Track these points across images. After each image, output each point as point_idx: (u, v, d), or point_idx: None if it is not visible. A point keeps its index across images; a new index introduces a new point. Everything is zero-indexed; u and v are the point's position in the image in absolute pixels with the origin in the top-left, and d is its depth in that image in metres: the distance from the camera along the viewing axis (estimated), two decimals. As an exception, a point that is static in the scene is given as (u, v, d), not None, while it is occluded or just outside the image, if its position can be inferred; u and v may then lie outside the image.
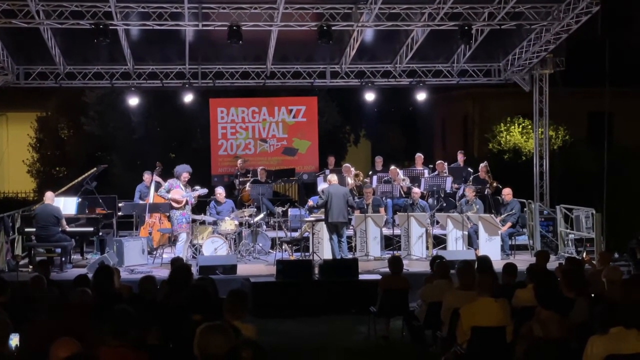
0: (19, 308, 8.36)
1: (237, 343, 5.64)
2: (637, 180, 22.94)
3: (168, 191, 16.18)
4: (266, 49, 18.58)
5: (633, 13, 24.96)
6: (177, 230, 16.18)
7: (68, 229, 16.10)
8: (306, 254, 16.58)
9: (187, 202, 16.20)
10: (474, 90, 30.38)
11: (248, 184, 19.43)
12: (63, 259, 15.73)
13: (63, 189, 18.00)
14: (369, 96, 20.07)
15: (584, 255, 13.84)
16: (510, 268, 10.42)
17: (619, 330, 6.84)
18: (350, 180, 19.20)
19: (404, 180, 18.91)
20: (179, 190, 16.15)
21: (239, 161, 21.25)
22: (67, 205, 16.78)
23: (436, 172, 19.84)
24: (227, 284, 12.05)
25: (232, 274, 14.73)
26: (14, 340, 6.83)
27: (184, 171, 16.40)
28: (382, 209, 18.06)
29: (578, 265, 11.04)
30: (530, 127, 26.38)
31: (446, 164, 20.42)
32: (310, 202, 17.72)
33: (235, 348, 5.48)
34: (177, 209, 16.12)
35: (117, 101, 25.38)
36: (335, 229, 16.00)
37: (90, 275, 10.29)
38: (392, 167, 19.73)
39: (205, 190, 17.11)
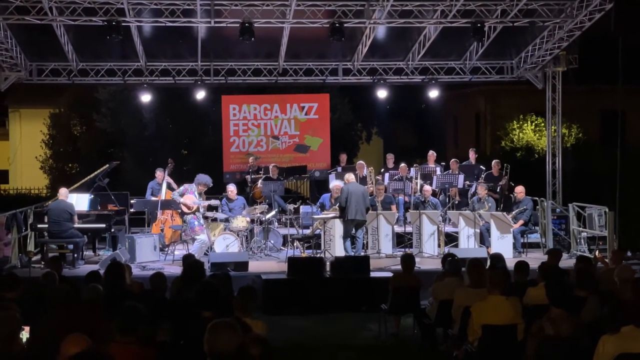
0: (31, 304, 8.39)
1: (246, 340, 5.65)
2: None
3: (181, 195, 16.25)
4: (278, 46, 18.58)
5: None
6: (191, 234, 16.24)
7: (80, 225, 16.15)
8: (317, 251, 16.57)
9: (197, 209, 16.28)
10: (486, 87, 30.37)
11: (260, 181, 19.43)
12: (75, 255, 15.77)
13: (75, 186, 18.05)
14: (381, 93, 20.05)
15: (597, 254, 13.79)
16: (522, 266, 10.41)
17: (630, 329, 6.82)
18: (368, 179, 19.14)
19: (416, 180, 18.88)
20: (191, 196, 16.20)
21: (251, 159, 21.26)
22: (79, 201, 16.83)
23: (449, 170, 19.80)
24: (239, 281, 12.05)
25: (243, 271, 14.73)
26: (24, 333, 6.86)
27: (203, 182, 16.44)
28: (393, 207, 18.05)
29: (589, 264, 11.02)
30: (542, 124, 26.34)
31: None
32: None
33: (244, 345, 5.49)
34: (187, 213, 16.19)
35: (129, 98, 25.45)
36: (353, 226, 15.99)
37: (101, 272, 10.32)
38: (402, 164, 19.71)
39: (217, 202, 17.20)
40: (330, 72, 19.82)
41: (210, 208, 17.41)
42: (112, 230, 17.02)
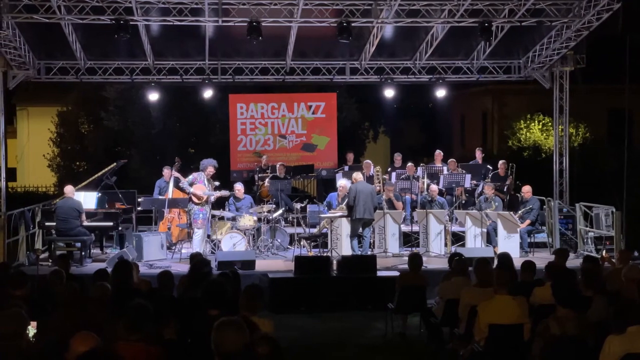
0: (39, 302, 8.43)
1: (254, 339, 5.66)
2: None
3: (191, 184, 16.26)
4: (286, 45, 18.59)
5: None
6: (193, 225, 16.26)
7: (88, 223, 16.20)
8: (324, 250, 16.58)
9: (207, 200, 16.28)
10: (493, 87, 30.37)
11: (267, 179, 19.47)
12: (82, 253, 15.81)
13: (83, 184, 18.11)
14: (388, 92, 20.03)
15: (604, 254, 13.77)
16: (528, 265, 10.41)
17: (636, 329, 6.81)
18: (375, 178, 19.12)
19: (423, 180, 18.87)
20: (201, 185, 16.23)
21: (264, 157, 21.36)
22: (87, 199, 16.86)
23: (450, 171, 19.76)
24: (245, 280, 12.08)
25: (250, 270, 14.76)
26: (31, 329, 6.89)
27: (209, 165, 16.46)
28: (399, 203, 18.01)
29: (596, 264, 11.02)
30: (550, 124, 26.32)
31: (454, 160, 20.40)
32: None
33: (250, 344, 5.50)
34: (196, 204, 16.19)
35: (137, 96, 25.50)
36: (361, 225, 15.99)
37: (109, 270, 10.36)
38: (410, 163, 19.71)
39: (227, 193, 17.22)
40: (337, 71, 19.81)
41: (219, 204, 17.41)
42: (120, 228, 17.06)
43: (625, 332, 6.83)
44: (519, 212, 17.12)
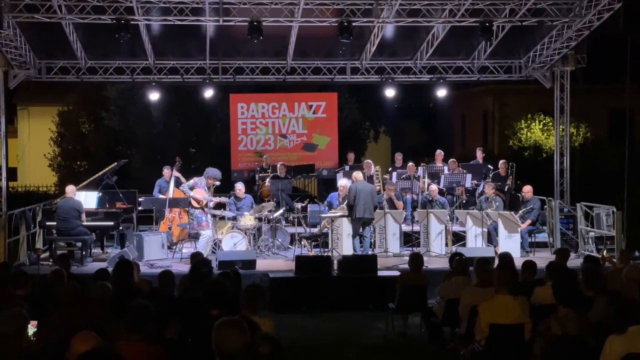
0: (39, 301, 8.43)
1: (255, 338, 5.66)
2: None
3: (191, 188, 16.21)
4: (286, 45, 18.59)
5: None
6: (197, 229, 16.22)
7: (88, 222, 16.19)
8: (325, 249, 16.57)
9: (206, 204, 16.27)
10: (494, 86, 30.37)
11: (267, 179, 19.46)
12: (83, 252, 15.81)
13: (84, 183, 18.10)
14: (389, 92, 20.02)
15: (604, 253, 13.76)
16: (529, 265, 10.40)
17: (637, 329, 6.81)
18: (375, 178, 19.11)
19: (424, 179, 18.87)
20: (201, 190, 16.19)
21: (265, 157, 21.36)
22: (88, 199, 16.86)
23: (450, 170, 19.76)
24: (246, 279, 12.07)
25: (251, 269, 14.76)
26: (31, 328, 6.90)
27: (213, 176, 16.37)
28: (400, 203, 18.00)
29: (597, 264, 11.01)
30: (550, 124, 26.33)
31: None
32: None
33: (252, 343, 5.50)
34: (195, 208, 16.18)
35: (138, 96, 25.50)
36: (361, 225, 15.99)
37: (110, 269, 10.36)
38: (410, 163, 19.71)
39: (226, 199, 17.22)
40: (338, 70, 19.81)
41: (219, 206, 17.40)
42: (120, 228, 17.07)
43: (626, 332, 6.83)
44: (520, 211, 17.12)
